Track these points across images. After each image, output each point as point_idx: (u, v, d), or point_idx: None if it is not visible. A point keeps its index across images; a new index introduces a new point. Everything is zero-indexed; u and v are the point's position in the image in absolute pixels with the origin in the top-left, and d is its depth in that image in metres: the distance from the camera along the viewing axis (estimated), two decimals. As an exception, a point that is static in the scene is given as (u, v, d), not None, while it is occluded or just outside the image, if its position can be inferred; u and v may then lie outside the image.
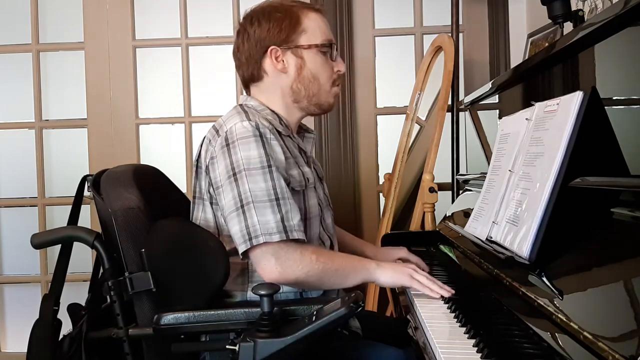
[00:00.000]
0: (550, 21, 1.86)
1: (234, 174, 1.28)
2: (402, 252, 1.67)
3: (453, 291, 1.32)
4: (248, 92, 1.50)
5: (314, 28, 1.41)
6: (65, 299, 1.43)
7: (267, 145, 1.29)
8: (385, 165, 2.69)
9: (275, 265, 1.26)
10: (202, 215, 1.39)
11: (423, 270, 1.52)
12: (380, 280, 1.36)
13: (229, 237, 1.32)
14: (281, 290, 1.32)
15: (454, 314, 1.19)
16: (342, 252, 1.44)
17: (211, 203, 1.36)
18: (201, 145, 1.40)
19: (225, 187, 1.29)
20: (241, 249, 1.26)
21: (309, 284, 1.31)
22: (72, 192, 1.52)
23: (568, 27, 1.81)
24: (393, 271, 1.37)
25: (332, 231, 1.50)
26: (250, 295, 1.34)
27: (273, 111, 1.43)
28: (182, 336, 1.26)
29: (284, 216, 1.26)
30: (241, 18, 1.46)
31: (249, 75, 1.44)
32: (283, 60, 1.40)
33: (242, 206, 1.26)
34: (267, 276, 1.27)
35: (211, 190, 1.35)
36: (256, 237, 1.25)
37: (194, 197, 1.41)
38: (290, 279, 1.28)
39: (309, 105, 1.44)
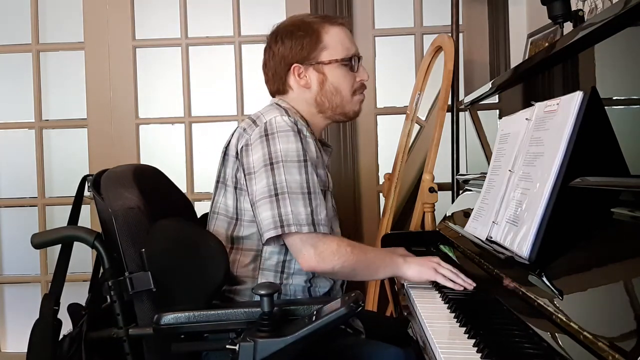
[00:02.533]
0: (550, 21, 1.86)
1: (272, 164, 1.33)
2: (400, 252, 1.68)
3: (474, 284, 1.36)
4: None
5: (335, 44, 1.47)
6: (65, 299, 1.43)
7: (304, 141, 1.36)
8: (385, 165, 2.69)
9: (314, 255, 1.32)
10: (222, 199, 1.43)
11: None
12: (407, 274, 1.42)
13: (249, 222, 1.38)
14: (289, 282, 1.40)
15: (454, 314, 1.19)
16: (373, 247, 1.50)
17: (235, 187, 1.41)
18: (232, 134, 1.44)
19: (259, 174, 1.34)
20: (270, 234, 1.31)
21: (342, 274, 1.39)
22: (72, 192, 1.53)
23: (568, 27, 1.80)
24: (419, 265, 1.42)
25: None
26: (260, 282, 1.38)
27: (302, 116, 1.48)
28: (182, 336, 1.26)
29: (314, 210, 1.32)
30: (268, 34, 1.52)
31: (276, 89, 1.52)
32: (306, 76, 1.47)
33: (276, 194, 1.31)
34: (306, 264, 1.33)
35: (238, 175, 1.39)
36: (288, 225, 1.30)
37: (217, 182, 1.46)
38: (327, 268, 1.34)
39: (334, 114, 1.52)
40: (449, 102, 2.34)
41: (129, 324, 1.30)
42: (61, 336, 1.41)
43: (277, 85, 1.51)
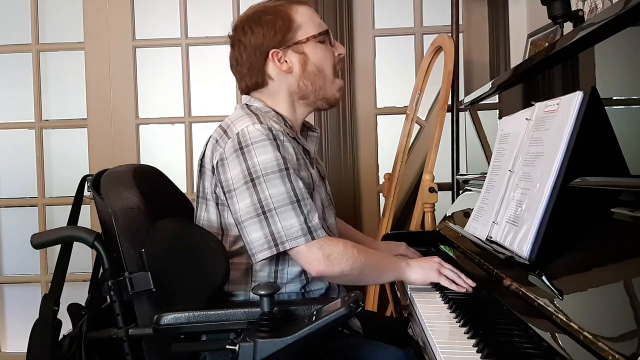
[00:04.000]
0: (550, 21, 1.86)
1: (252, 180, 1.27)
2: (402, 247, 1.69)
3: (474, 284, 1.35)
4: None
5: (307, 21, 1.41)
6: (65, 299, 1.43)
7: (282, 148, 1.29)
8: (385, 165, 2.69)
9: (322, 259, 1.28)
10: (205, 215, 1.38)
11: None
12: (411, 278, 1.39)
13: (236, 238, 1.33)
14: (284, 290, 1.34)
15: (454, 314, 1.19)
16: (373, 250, 1.46)
17: (217, 204, 1.36)
18: (206, 145, 1.39)
19: (240, 192, 1.28)
20: (264, 254, 1.27)
21: (350, 277, 1.33)
22: (72, 192, 1.52)
23: (568, 27, 1.80)
24: (422, 269, 1.39)
25: (335, 231, 1.50)
26: (253, 296, 1.34)
27: (277, 113, 1.43)
28: (182, 336, 1.26)
29: (307, 217, 1.28)
30: (230, 31, 1.46)
31: (253, 83, 1.44)
32: (286, 61, 1.40)
33: (263, 212, 1.26)
34: (315, 269, 1.29)
35: (217, 191, 1.34)
36: (282, 243, 1.26)
37: (198, 197, 1.41)
38: (335, 271, 1.30)
39: (316, 99, 1.44)
40: (449, 102, 2.34)
41: (128, 324, 1.29)
42: (61, 336, 1.41)
43: (254, 78, 1.42)
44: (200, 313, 1.22)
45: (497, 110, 1.88)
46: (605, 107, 1.09)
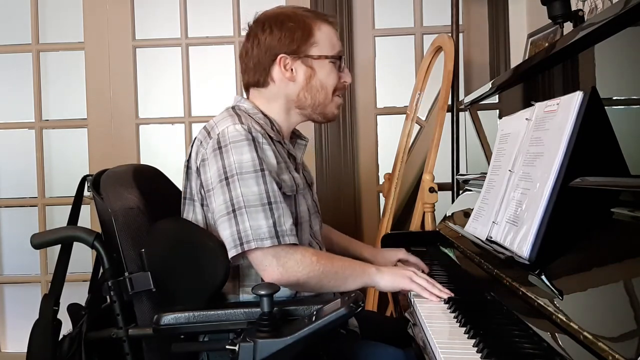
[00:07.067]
0: (550, 21, 1.86)
1: (226, 178, 1.27)
2: (401, 253, 1.67)
3: (451, 294, 1.31)
4: (247, 95, 1.49)
5: (324, 40, 1.42)
6: (65, 299, 1.43)
7: (260, 149, 1.29)
8: (385, 165, 2.69)
9: (277, 266, 1.26)
10: (192, 216, 1.38)
11: (422, 270, 1.52)
12: (380, 284, 1.35)
13: (220, 237, 1.31)
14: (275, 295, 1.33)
15: (454, 314, 1.19)
16: (341, 256, 1.43)
17: (202, 204, 1.36)
18: (192, 146, 1.39)
19: (216, 191, 1.29)
20: (231, 253, 1.26)
21: (308, 285, 1.31)
22: (72, 192, 1.52)
23: (568, 27, 1.81)
24: (393, 275, 1.36)
25: (319, 238, 1.50)
26: (243, 298, 1.35)
27: (266, 115, 1.43)
28: (182, 336, 1.26)
29: (277, 221, 1.26)
30: (252, 21, 1.45)
31: (255, 80, 1.44)
32: (292, 69, 1.40)
33: (233, 211, 1.26)
34: (269, 277, 1.27)
35: (202, 192, 1.34)
36: (247, 242, 1.25)
37: (184, 198, 1.40)
38: (291, 280, 1.28)
39: (313, 112, 1.45)
40: (449, 102, 2.34)
41: (128, 324, 1.30)
42: (61, 336, 1.41)
43: (257, 76, 1.42)
44: (200, 313, 1.22)
45: (497, 110, 1.88)
46: (605, 107, 1.09)
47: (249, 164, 1.27)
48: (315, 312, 1.14)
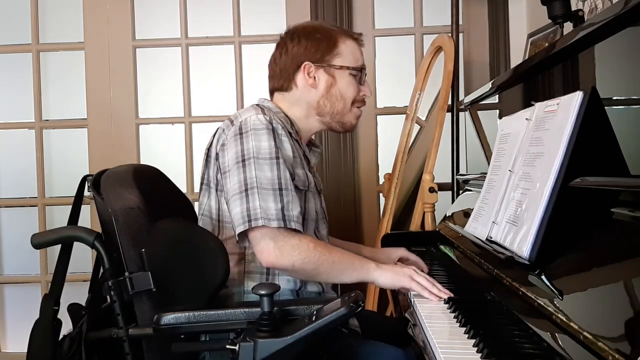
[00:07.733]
0: (550, 21, 1.86)
1: (243, 160, 1.33)
2: (401, 251, 1.68)
3: (451, 294, 1.31)
4: (272, 99, 1.55)
5: (348, 53, 1.49)
6: (65, 299, 1.43)
7: (278, 139, 1.35)
8: (385, 165, 2.69)
9: (273, 248, 1.29)
10: (207, 201, 1.44)
11: (422, 269, 1.52)
12: (379, 281, 1.37)
13: (229, 224, 1.36)
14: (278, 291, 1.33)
15: (454, 314, 1.19)
16: (342, 249, 1.44)
17: (217, 190, 1.41)
18: (214, 135, 1.45)
19: (232, 172, 1.34)
20: (239, 229, 1.30)
21: (304, 271, 1.33)
22: (72, 192, 1.52)
23: (568, 27, 1.81)
24: (393, 273, 1.37)
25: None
26: (247, 285, 1.37)
27: (287, 116, 1.48)
28: (182, 336, 1.26)
29: (285, 206, 1.30)
30: (283, 33, 1.53)
31: (279, 85, 1.51)
32: (315, 77, 1.47)
33: (246, 190, 1.31)
34: (265, 258, 1.30)
35: (218, 176, 1.39)
36: (255, 219, 1.28)
37: (202, 184, 1.46)
38: (286, 263, 1.30)
39: (332, 120, 1.52)
40: (449, 102, 2.34)
41: (129, 324, 1.29)
42: (61, 336, 1.41)
43: (282, 81, 1.50)
44: (200, 313, 1.22)
45: (497, 110, 1.89)
46: (605, 107, 1.09)
47: (265, 151, 1.33)
48: (315, 312, 1.14)
